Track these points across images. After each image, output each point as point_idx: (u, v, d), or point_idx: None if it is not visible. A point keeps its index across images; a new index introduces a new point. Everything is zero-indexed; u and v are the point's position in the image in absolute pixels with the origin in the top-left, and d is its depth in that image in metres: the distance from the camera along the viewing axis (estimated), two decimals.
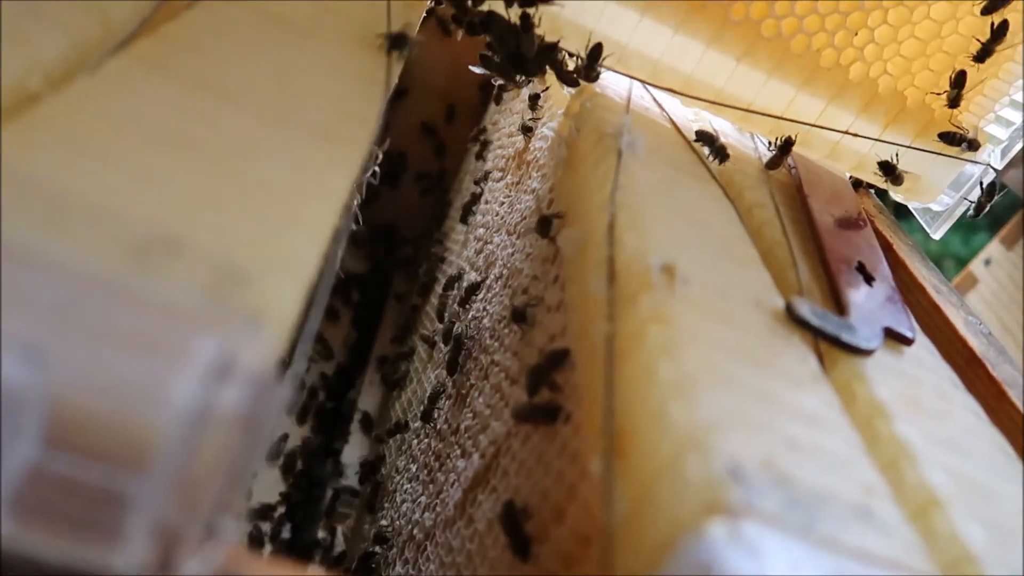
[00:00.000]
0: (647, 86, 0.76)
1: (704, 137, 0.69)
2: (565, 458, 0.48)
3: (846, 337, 0.50)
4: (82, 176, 0.31)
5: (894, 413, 0.46)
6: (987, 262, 1.51)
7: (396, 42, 0.60)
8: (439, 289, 1.15)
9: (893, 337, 0.55)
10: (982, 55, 0.72)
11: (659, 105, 0.77)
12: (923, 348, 0.57)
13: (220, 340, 0.26)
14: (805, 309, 0.50)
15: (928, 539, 0.40)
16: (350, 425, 1.23)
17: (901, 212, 0.90)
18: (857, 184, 0.85)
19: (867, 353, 0.51)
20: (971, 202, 0.78)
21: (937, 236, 0.82)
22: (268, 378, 0.26)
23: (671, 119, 0.77)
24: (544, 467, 0.51)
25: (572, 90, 0.79)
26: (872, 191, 0.87)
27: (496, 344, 0.72)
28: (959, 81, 0.73)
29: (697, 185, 0.66)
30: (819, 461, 0.38)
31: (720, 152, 0.68)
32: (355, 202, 0.80)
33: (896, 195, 0.84)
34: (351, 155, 0.42)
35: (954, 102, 0.73)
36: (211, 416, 0.25)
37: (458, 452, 0.71)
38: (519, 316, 0.69)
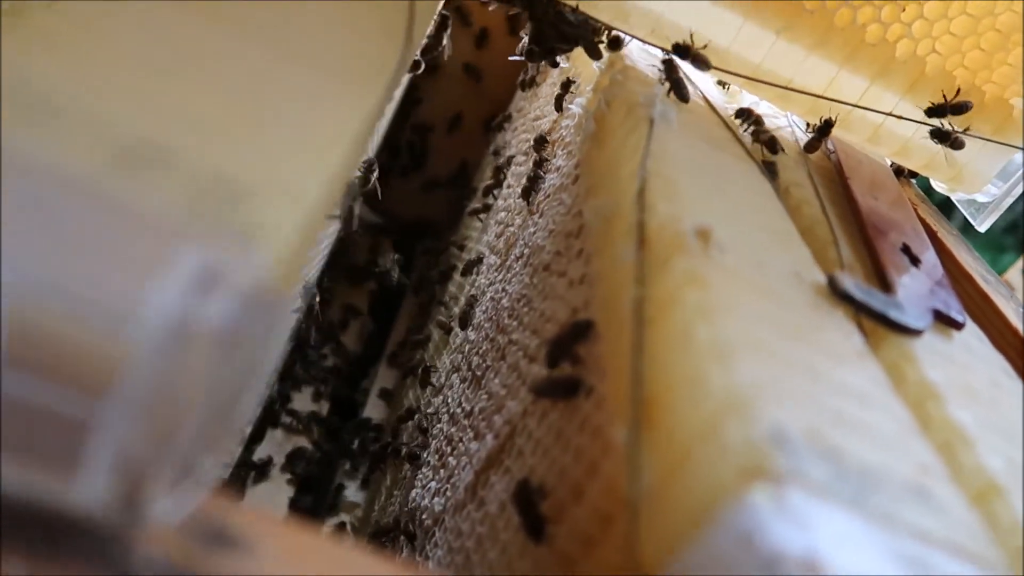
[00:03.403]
0: (681, 60, 0.72)
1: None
2: (586, 434, 0.45)
3: (894, 315, 0.46)
4: (70, 82, 0.28)
5: (946, 396, 0.43)
6: None
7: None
8: (457, 276, 1.13)
9: (942, 320, 0.51)
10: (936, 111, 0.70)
11: (691, 81, 0.73)
12: (973, 336, 0.53)
13: (205, 253, 0.23)
14: (849, 283, 0.46)
15: (990, 526, 0.36)
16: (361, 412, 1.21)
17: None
18: (899, 172, 0.81)
19: (916, 333, 0.47)
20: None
21: (983, 228, 0.77)
22: (260, 297, 0.23)
23: (704, 96, 0.73)
24: (562, 445, 0.48)
25: (601, 64, 0.76)
26: (914, 181, 0.83)
27: (514, 323, 0.69)
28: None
29: (732, 161, 0.62)
30: (869, 437, 0.34)
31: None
32: (375, 171, 0.77)
33: (940, 186, 0.80)
34: (364, 96, 0.39)
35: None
36: (191, 335, 0.22)
37: (471, 435, 0.68)
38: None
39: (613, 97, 0.67)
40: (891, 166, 0.79)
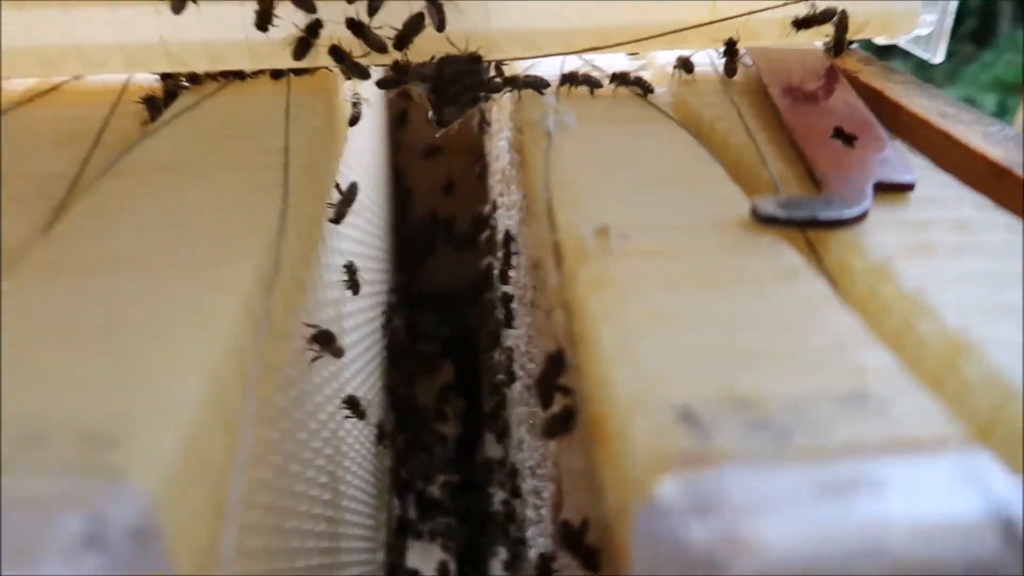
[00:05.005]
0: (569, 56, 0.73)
1: (620, 78, 0.66)
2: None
3: (823, 215, 0.45)
4: None
5: (899, 272, 0.41)
6: None
7: None
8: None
9: (888, 189, 0.49)
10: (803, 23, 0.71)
11: (592, 65, 0.74)
12: (932, 185, 0.51)
13: (83, 510, 0.26)
14: (769, 205, 0.46)
15: (963, 393, 0.35)
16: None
17: None
18: (838, 48, 0.78)
19: (855, 220, 0.46)
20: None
21: (938, 59, 0.74)
22: (145, 531, 0.26)
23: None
24: (588, 473, 0.48)
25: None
26: (855, 45, 0.80)
27: (533, 366, 0.70)
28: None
29: (640, 127, 0.62)
30: (795, 366, 0.34)
31: (640, 83, 0.65)
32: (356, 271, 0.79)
33: (880, 40, 0.77)
34: (237, 271, 0.41)
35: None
36: None
37: (544, 483, 0.69)
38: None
39: (522, 123, 0.69)
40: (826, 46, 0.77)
